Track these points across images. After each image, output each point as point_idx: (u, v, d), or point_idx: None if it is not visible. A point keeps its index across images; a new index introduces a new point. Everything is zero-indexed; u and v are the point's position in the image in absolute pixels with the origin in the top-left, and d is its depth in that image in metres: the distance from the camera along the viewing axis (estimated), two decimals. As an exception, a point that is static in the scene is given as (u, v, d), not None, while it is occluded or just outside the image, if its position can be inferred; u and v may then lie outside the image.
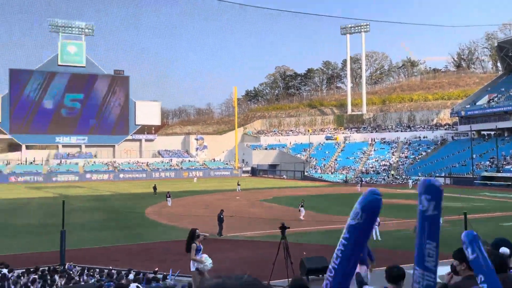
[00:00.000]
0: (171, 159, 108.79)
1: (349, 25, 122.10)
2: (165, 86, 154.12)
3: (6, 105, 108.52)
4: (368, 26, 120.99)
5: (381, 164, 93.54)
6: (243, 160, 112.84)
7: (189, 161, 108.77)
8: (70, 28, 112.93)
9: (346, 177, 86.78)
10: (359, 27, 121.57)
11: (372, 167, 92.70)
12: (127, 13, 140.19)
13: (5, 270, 16.79)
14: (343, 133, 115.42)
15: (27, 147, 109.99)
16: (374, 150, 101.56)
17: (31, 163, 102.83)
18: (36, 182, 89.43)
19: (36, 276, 15.86)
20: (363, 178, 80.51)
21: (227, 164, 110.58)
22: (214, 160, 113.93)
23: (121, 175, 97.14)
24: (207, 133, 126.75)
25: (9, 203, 51.29)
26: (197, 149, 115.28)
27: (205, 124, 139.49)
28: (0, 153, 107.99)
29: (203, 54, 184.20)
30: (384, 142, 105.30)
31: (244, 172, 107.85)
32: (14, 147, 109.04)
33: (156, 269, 18.62)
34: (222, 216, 29.88)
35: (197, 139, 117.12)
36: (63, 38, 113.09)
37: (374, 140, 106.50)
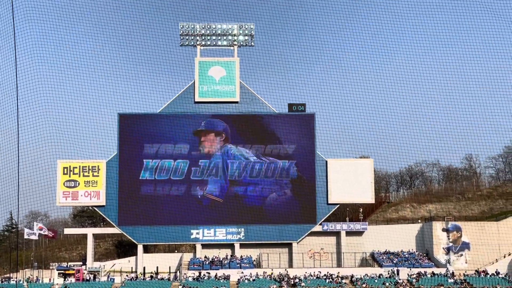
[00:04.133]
0: (395, 270, 65.21)
1: None
2: (381, 129, 76.09)
3: (113, 177, 66.03)
4: None
5: None
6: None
7: (434, 274, 66.25)
8: (214, 37, 68.00)
9: None
10: None
11: None
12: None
13: None
14: None
15: (146, 249, 67.59)
16: None
17: (151, 277, 64.35)
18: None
19: None
20: None
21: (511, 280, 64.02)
22: (483, 273, 66.93)
23: (304, 300, 62.28)
24: (466, 218, 77.27)
25: None
26: (448, 250, 70.51)
27: (463, 200, 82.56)
28: (102, 260, 70.75)
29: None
30: None
31: None
32: (124, 248, 76.26)
33: None
34: None
35: (447, 230, 71.66)
36: (202, 55, 68.18)
37: None
